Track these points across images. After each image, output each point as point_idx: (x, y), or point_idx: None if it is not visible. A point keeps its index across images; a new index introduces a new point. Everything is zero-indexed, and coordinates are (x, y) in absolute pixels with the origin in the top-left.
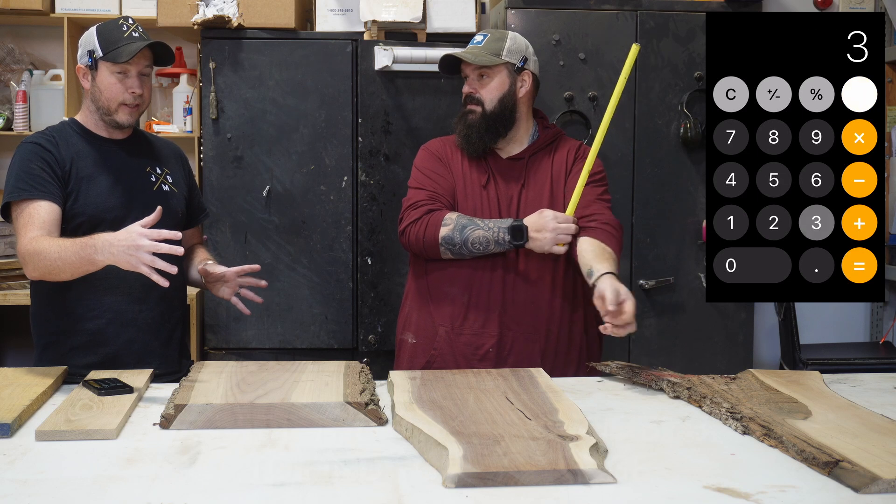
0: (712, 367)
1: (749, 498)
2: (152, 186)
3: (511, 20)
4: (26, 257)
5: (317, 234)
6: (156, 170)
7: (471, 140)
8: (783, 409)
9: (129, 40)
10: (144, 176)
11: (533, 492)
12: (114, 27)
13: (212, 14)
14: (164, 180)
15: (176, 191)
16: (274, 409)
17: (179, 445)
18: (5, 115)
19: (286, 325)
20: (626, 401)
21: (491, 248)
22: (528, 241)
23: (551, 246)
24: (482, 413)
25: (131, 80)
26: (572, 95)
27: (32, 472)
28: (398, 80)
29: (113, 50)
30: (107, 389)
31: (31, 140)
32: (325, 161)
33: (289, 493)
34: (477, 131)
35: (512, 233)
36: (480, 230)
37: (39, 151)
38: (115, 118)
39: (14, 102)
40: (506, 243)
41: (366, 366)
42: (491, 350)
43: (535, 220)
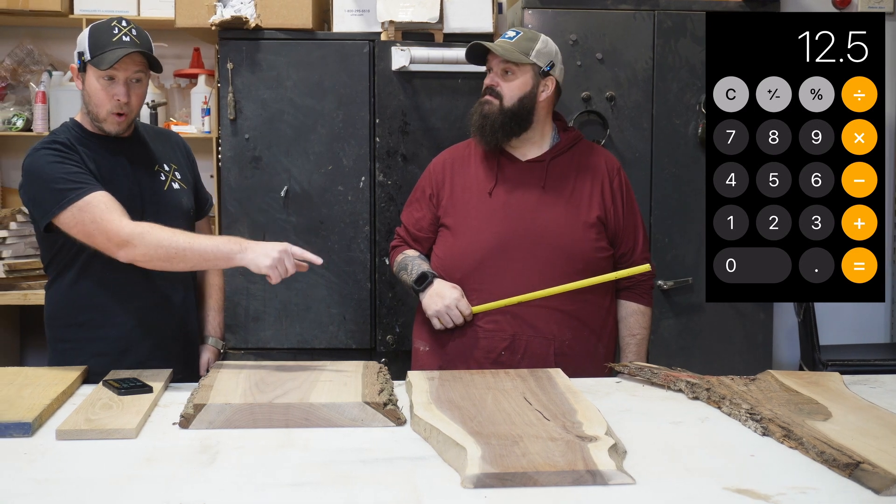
0: (731, 368)
1: (769, 499)
2: (163, 186)
3: (528, 20)
4: (135, 239)
5: (335, 234)
6: (164, 167)
7: (484, 131)
8: (803, 411)
9: (116, 45)
10: (154, 176)
11: (551, 492)
12: (105, 29)
13: (229, 15)
14: (172, 177)
15: (185, 187)
16: (292, 409)
17: (198, 445)
18: (25, 115)
19: (304, 325)
20: (645, 402)
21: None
22: (423, 292)
23: (431, 314)
24: (500, 413)
25: (117, 86)
26: (589, 95)
27: (52, 470)
28: (415, 80)
29: (99, 54)
30: (126, 389)
31: (47, 145)
32: (343, 161)
33: (307, 493)
34: (492, 124)
35: (417, 281)
36: (405, 273)
37: (63, 150)
38: (104, 126)
39: (33, 103)
40: (412, 290)
41: (384, 366)
42: (503, 353)
43: (442, 289)
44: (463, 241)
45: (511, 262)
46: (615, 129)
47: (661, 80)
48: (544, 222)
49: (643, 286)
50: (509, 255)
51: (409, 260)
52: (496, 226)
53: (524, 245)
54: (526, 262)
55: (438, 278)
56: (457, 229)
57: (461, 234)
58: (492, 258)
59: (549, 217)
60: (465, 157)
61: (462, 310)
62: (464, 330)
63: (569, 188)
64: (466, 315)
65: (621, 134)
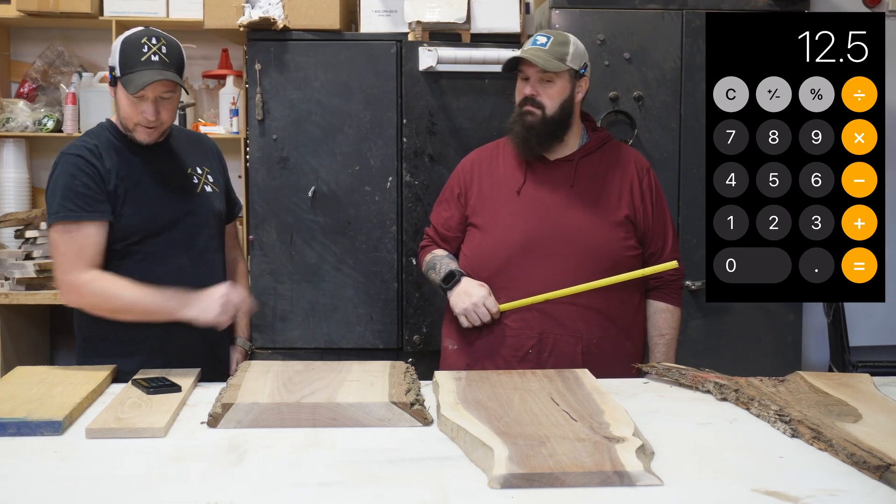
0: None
1: (798, 502)
2: (195, 189)
3: (555, 20)
4: (83, 291)
5: (362, 234)
6: (196, 170)
7: (529, 143)
8: (833, 412)
9: (145, 66)
10: (187, 179)
11: (578, 493)
12: (135, 46)
13: (258, 16)
14: (205, 181)
15: (217, 190)
16: (320, 409)
17: (226, 444)
18: (55, 116)
19: (332, 325)
20: (673, 402)
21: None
22: (451, 290)
23: (459, 311)
24: (527, 414)
25: (146, 104)
26: (617, 95)
27: (82, 469)
28: (442, 80)
29: (128, 74)
30: (155, 388)
31: (73, 152)
32: (370, 162)
33: (334, 492)
34: (536, 135)
35: (444, 279)
36: (433, 272)
37: (83, 165)
38: (135, 136)
39: (64, 104)
40: (440, 289)
41: (411, 366)
42: (531, 351)
43: (469, 287)
44: (491, 240)
45: (539, 261)
46: (643, 130)
47: (689, 79)
48: (572, 221)
49: (672, 286)
50: (537, 253)
51: (437, 259)
52: (524, 224)
53: (552, 244)
54: (554, 260)
55: (466, 276)
56: (485, 228)
57: (489, 232)
58: (519, 256)
59: (577, 216)
60: (494, 156)
61: (489, 307)
62: (491, 328)
63: (597, 187)
64: (494, 313)
65: (649, 134)
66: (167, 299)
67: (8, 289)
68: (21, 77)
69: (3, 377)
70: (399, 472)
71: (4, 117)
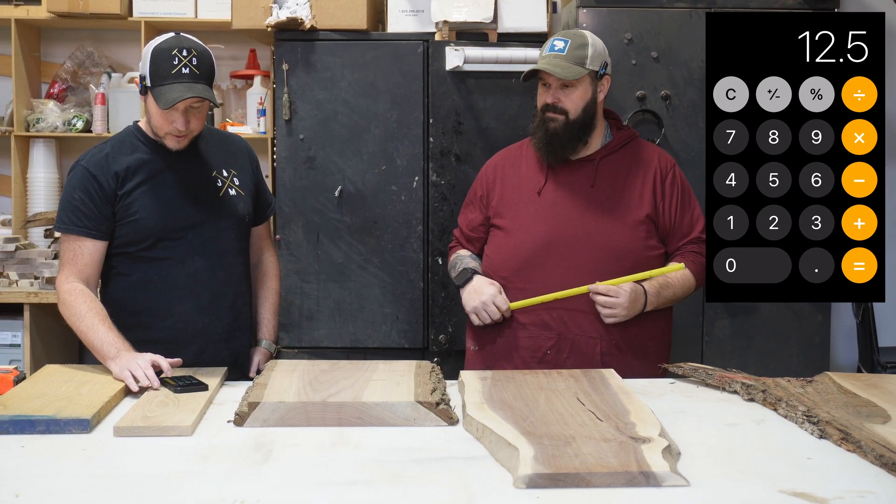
0: (787, 370)
1: (826, 503)
2: (218, 192)
3: (583, 19)
4: (61, 298)
5: (388, 234)
6: (222, 173)
7: (553, 148)
8: (861, 413)
9: (175, 79)
10: (210, 182)
11: (604, 493)
12: (166, 57)
13: (285, 16)
14: (230, 184)
15: (242, 193)
16: (346, 408)
17: (253, 443)
18: (84, 117)
19: (357, 324)
20: (699, 403)
21: None
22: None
23: (469, 309)
24: (553, 414)
25: (176, 115)
26: (644, 95)
27: (110, 467)
28: (469, 80)
29: (159, 86)
30: (182, 387)
31: (83, 163)
32: (397, 161)
33: (360, 491)
34: (560, 140)
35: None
36: (453, 271)
37: (84, 181)
38: (165, 143)
39: (93, 105)
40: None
41: (436, 366)
42: (549, 352)
43: (480, 285)
44: (512, 241)
45: (559, 261)
46: (670, 129)
47: None
48: (592, 221)
49: (692, 255)
50: (557, 253)
51: (459, 259)
52: (544, 225)
53: (572, 244)
54: (574, 261)
55: (478, 275)
56: (507, 229)
57: (510, 233)
58: (539, 257)
59: (597, 216)
60: (518, 157)
61: (499, 305)
62: (511, 329)
63: (619, 186)
64: (503, 311)
65: (677, 133)
66: (106, 345)
67: (37, 288)
68: (51, 78)
69: (32, 375)
70: (424, 472)
71: (35, 118)
